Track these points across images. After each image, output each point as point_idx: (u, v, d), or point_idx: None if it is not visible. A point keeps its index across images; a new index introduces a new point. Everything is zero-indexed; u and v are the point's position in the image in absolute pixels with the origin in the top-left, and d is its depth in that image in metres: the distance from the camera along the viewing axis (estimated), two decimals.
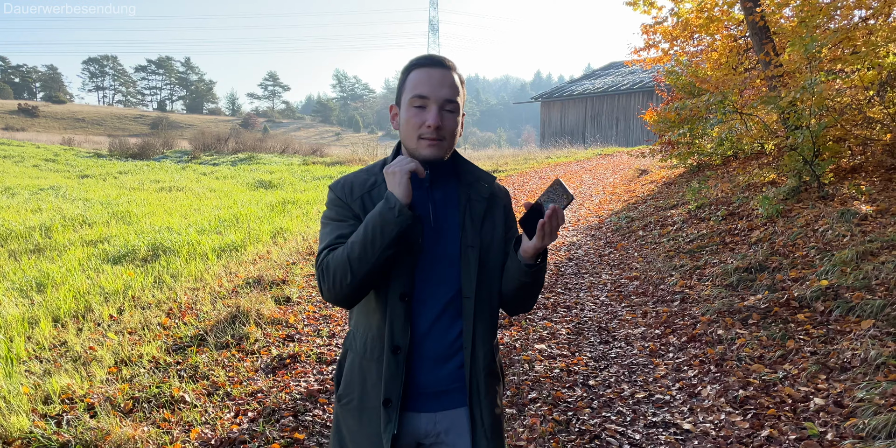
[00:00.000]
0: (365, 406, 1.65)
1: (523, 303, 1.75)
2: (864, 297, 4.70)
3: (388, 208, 1.49)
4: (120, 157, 29.36)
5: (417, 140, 1.63)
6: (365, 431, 1.65)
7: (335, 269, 1.54)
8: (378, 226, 1.50)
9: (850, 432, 3.29)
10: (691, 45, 12.53)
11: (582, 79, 40.19)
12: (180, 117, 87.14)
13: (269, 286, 6.30)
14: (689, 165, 12.55)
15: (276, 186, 16.04)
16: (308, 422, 3.65)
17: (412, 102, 1.62)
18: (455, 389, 1.69)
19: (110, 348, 4.61)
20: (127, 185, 16.34)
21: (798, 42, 7.70)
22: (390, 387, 1.61)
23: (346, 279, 1.53)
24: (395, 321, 1.61)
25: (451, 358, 1.67)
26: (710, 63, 12.11)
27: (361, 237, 1.52)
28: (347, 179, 1.72)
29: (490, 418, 1.68)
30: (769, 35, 9.80)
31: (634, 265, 7.30)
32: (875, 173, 7.71)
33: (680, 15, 11.47)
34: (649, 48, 12.77)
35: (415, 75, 1.64)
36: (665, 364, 4.52)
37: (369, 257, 1.51)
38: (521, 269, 1.61)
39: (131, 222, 10.08)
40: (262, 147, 32.32)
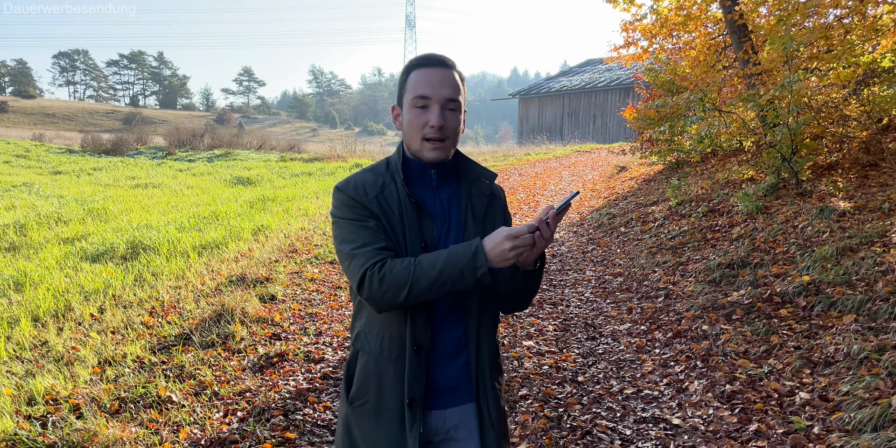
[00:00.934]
0: (383, 407, 1.64)
1: (519, 304, 1.77)
2: (844, 292, 4.78)
3: (472, 268, 1.47)
4: (93, 153, 28.87)
5: (421, 141, 1.63)
6: (384, 432, 1.64)
7: (390, 284, 1.50)
8: (453, 278, 1.49)
9: (836, 426, 3.35)
10: (670, 43, 12.64)
11: (559, 76, 40.35)
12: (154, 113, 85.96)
13: (252, 284, 6.25)
14: (668, 162, 12.66)
15: (254, 183, 15.89)
16: (299, 421, 3.63)
17: (414, 103, 1.61)
18: (462, 386, 1.70)
19: (93, 348, 4.54)
20: (102, 181, 16.09)
21: (777, 40, 7.79)
22: (414, 386, 1.61)
23: (397, 298, 1.51)
24: (416, 320, 1.61)
25: (458, 355, 1.68)
26: (688, 61, 12.22)
27: (433, 277, 1.49)
28: (357, 180, 1.69)
29: (496, 411, 1.70)
30: (747, 33, 9.92)
31: (617, 262, 7.36)
32: (851, 170, 7.84)
33: (659, 12, 11.56)
34: (629, 46, 12.86)
35: (415, 75, 1.63)
36: (652, 360, 4.56)
37: (430, 295, 1.51)
38: (519, 276, 1.63)
39: (108, 220, 9.93)
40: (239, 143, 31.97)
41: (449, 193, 1.72)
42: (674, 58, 12.75)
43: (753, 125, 9.53)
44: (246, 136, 34.67)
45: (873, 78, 8.45)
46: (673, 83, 11.96)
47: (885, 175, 7.17)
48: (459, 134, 1.69)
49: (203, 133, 32.94)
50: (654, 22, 11.87)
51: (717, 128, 10.06)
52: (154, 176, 17.60)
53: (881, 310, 4.38)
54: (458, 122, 1.65)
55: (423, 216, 1.65)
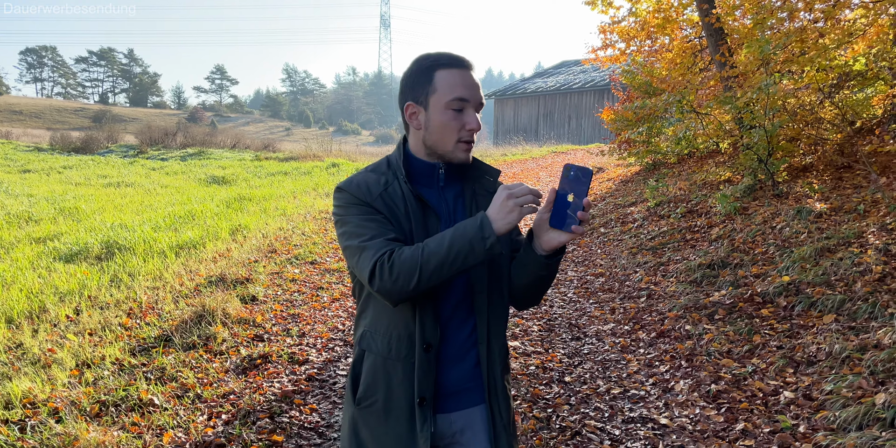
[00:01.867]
0: (392, 407, 1.61)
1: (535, 296, 1.72)
2: (824, 292, 4.85)
3: (481, 238, 1.42)
4: (62, 152, 28.33)
5: (456, 143, 1.61)
6: (393, 433, 1.61)
7: (401, 270, 1.45)
8: (464, 251, 1.43)
9: (821, 424, 3.39)
10: (647, 45, 12.75)
11: (534, 77, 40.53)
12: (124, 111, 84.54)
13: (232, 285, 6.16)
14: (646, 164, 12.77)
15: (229, 182, 15.70)
16: (285, 423, 3.58)
17: (450, 105, 1.58)
18: (471, 388, 1.66)
19: (70, 350, 4.43)
20: (72, 180, 15.78)
21: (754, 43, 7.90)
22: (424, 385, 1.58)
23: (409, 285, 1.45)
24: (425, 318, 1.58)
25: (465, 356, 1.65)
26: (664, 63, 12.34)
27: (443, 254, 1.44)
28: (359, 179, 1.65)
29: (508, 413, 1.68)
30: (724, 36, 10.04)
31: (599, 262, 7.39)
32: (826, 172, 7.97)
33: (638, 15, 11.65)
34: (606, 47, 12.95)
35: (447, 76, 1.59)
36: (637, 360, 4.58)
37: (443, 275, 1.45)
38: (540, 262, 1.58)
39: (80, 219, 9.73)
40: (212, 142, 31.54)
41: (454, 193, 1.70)
42: (650, 60, 12.87)
43: (730, 127, 9.65)
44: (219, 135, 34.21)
45: (847, 81, 8.61)
46: (650, 85, 12.07)
47: (859, 177, 7.30)
48: None
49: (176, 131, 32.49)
50: (632, 24, 11.96)
51: (694, 129, 10.16)
52: (126, 175, 17.31)
53: (861, 309, 4.45)
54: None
55: (429, 213, 1.62)
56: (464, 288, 1.64)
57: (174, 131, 32.59)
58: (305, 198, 12.23)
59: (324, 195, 12.76)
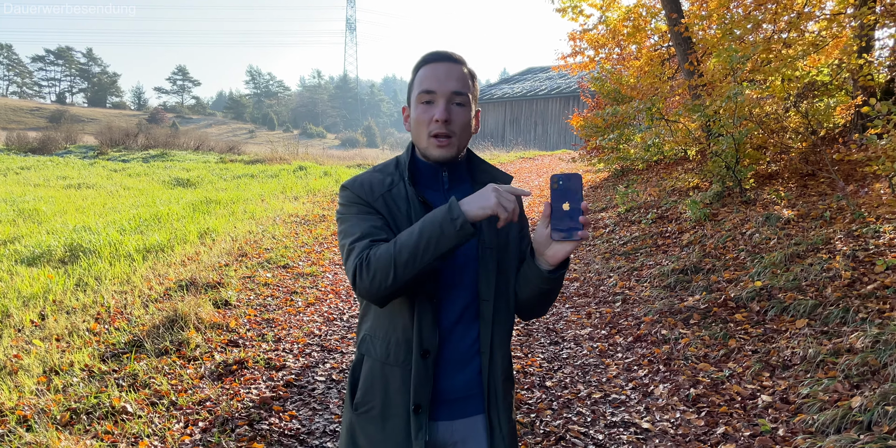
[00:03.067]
0: (389, 413, 1.58)
1: (541, 308, 1.70)
2: (796, 297, 4.94)
3: (450, 220, 1.37)
4: (18, 152, 27.54)
5: (427, 138, 1.57)
6: (391, 440, 1.57)
7: (377, 267, 1.42)
8: (435, 236, 1.38)
9: (800, 428, 3.44)
10: (616, 53, 12.92)
11: (501, 83, 40.79)
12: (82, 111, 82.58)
13: (203, 289, 6.03)
14: (614, 170, 12.91)
15: (195, 184, 15.42)
16: (265, 430, 3.50)
17: (420, 98, 1.56)
18: (473, 396, 1.63)
19: (37, 356, 4.28)
20: (31, 181, 15.34)
21: (723, 52, 8.05)
22: (420, 392, 1.54)
23: (386, 280, 1.42)
24: (423, 323, 1.54)
25: (469, 363, 1.62)
26: (632, 71, 12.52)
27: (414, 243, 1.40)
28: (364, 179, 1.64)
29: (508, 424, 1.64)
30: (692, 45, 10.22)
31: (572, 267, 7.43)
32: (791, 179, 8.15)
33: (608, 23, 11.80)
34: (576, 55, 13.10)
35: (422, 72, 1.58)
36: (615, 364, 4.60)
37: (417, 265, 1.40)
38: (544, 277, 1.54)
39: (41, 221, 9.45)
40: (175, 143, 30.98)
41: (461, 196, 1.66)
42: (619, 67, 13.05)
43: (698, 135, 9.81)
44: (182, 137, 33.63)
45: (812, 91, 8.83)
46: (619, 92, 12.23)
47: (823, 184, 7.48)
48: (470, 131, 1.63)
49: (137, 133, 31.85)
50: (602, 32, 12.11)
51: (662, 137, 10.31)
52: (87, 176, 16.89)
53: (832, 314, 4.54)
54: (467, 118, 1.59)
55: None
56: (471, 294, 1.61)
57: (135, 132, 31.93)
58: (274, 201, 12.07)
59: (292, 198, 12.62)
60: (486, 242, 1.61)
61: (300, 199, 12.50)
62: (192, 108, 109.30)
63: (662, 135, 10.21)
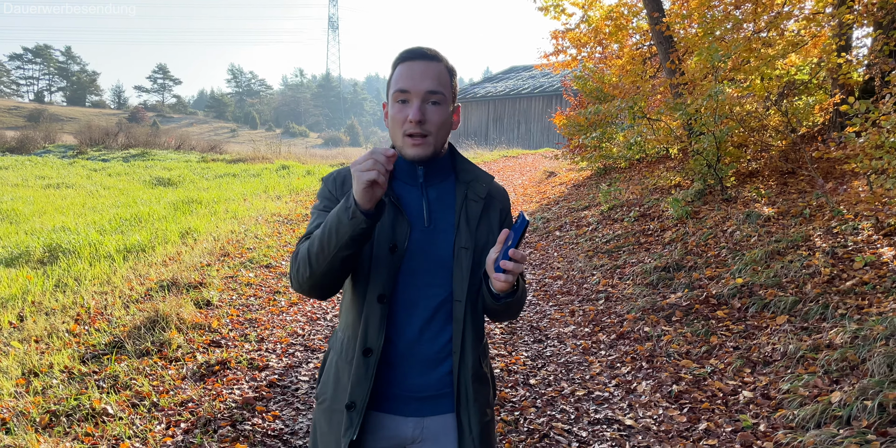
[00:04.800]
0: (335, 408, 1.61)
1: (507, 317, 1.70)
2: (776, 294, 4.99)
3: (345, 208, 1.40)
4: None
5: (403, 137, 1.57)
6: (334, 433, 1.60)
7: (300, 260, 1.49)
8: (334, 225, 1.42)
9: (780, 423, 3.47)
10: (599, 52, 12.97)
11: (484, 82, 40.79)
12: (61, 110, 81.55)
13: (185, 289, 5.98)
14: (597, 168, 12.96)
15: (176, 184, 15.29)
16: (248, 431, 3.48)
17: (395, 97, 1.56)
18: (444, 395, 1.64)
19: (16, 358, 4.23)
20: (9, 181, 15.13)
21: (704, 51, 8.11)
22: (356, 390, 1.56)
23: (305, 272, 1.48)
24: (369, 323, 1.56)
25: (442, 362, 1.63)
26: (614, 70, 12.58)
27: (320, 234, 1.44)
28: (341, 173, 1.67)
29: (478, 426, 1.63)
30: (673, 44, 10.28)
31: (556, 265, 7.46)
32: (771, 177, 8.23)
33: (590, 22, 11.84)
34: (558, 53, 13.13)
35: (399, 70, 1.57)
36: (599, 361, 4.62)
37: (326, 255, 1.44)
38: (491, 300, 1.55)
39: (19, 221, 9.33)
40: (156, 143, 30.68)
41: (440, 193, 1.66)
42: (601, 66, 13.10)
43: (680, 133, 9.87)
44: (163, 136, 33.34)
45: (792, 89, 8.91)
46: (601, 91, 12.28)
47: (803, 182, 7.56)
48: (448, 129, 1.63)
49: (117, 132, 31.49)
50: (585, 31, 12.14)
51: (645, 135, 10.36)
52: (66, 176, 16.69)
53: (812, 311, 4.60)
54: (444, 116, 1.58)
55: (399, 216, 1.58)
56: (445, 294, 1.61)
57: (115, 131, 31.57)
58: (256, 200, 11.99)
59: (275, 198, 12.55)
60: (461, 242, 1.61)
61: (283, 199, 12.44)
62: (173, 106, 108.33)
63: (644, 133, 10.26)
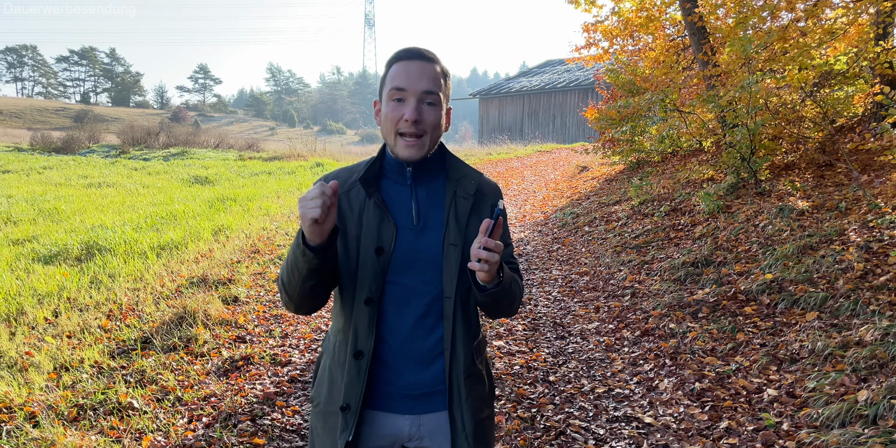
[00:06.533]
0: (329, 410, 1.63)
1: (499, 313, 1.68)
2: (807, 289, 4.86)
3: (297, 244, 1.46)
4: (42, 152, 28.01)
5: (396, 136, 1.57)
6: (329, 436, 1.62)
7: (280, 284, 1.59)
8: (292, 260, 1.49)
9: (804, 422, 3.39)
10: (630, 44, 12.79)
11: (519, 76, 40.57)
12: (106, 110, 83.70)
13: (214, 286, 6.09)
14: (629, 162, 12.80)
15: (212, 182, 15.57)
16: (267, 426, 3.53)
17: (391, 96, 1.56)
18: (440, 392, 1.65)
19: (48, 353, 4.36)
20: (53, 180, 15.58)
21: (736, 42, 7.93)
22: (350, 392, 1.58)
23: (284, 297, 1.60)
24: (359, 326, 1.58)
25: (436, 359, 1.63)
26: (647, 62, 12.38)
27: (285, 266, 1.53)
28: (330, 176, 1.67)
29: (472, 422, 1.62)
30: (707, 35, 10.08)
31: (583, 261, 7.39)
32: (808, 170, 8.02)
33: (620, 14, 11.68)
34: (590, 46, 12.99)
35: (395, 68, 1.57)
36: (621, 358, 4.57)
37: (294, 285, 1.52)
38: (478, 292, 1.54)
39: (60, 220, 9.60)
40: (195, 142, 31.28)
41: (428, 192, 1.66)
42: (634, 59, 12.91)
43: (713, 126, 9.69)
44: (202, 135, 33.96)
45: (828, 80, 8.67)
46: (633, 84, 12.10)
47: (840, 175, 7.35)
48: (441, 130, 1.63)
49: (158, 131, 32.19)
50: (615, 23, 11.99)
51: (677, 128, 10.19)
52: (108, 175, 17.13)
53: (843, 307, 4.47)
54: (438, 117, 1.59)
55: (385, 219, 1.58)
56: (436, 292, 1.61)
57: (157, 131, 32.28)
58: (289, 198, 12.15)
59: None
60: (450, 239, 1.60)
61: None
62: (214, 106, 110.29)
63: (677, 126, 10.09)
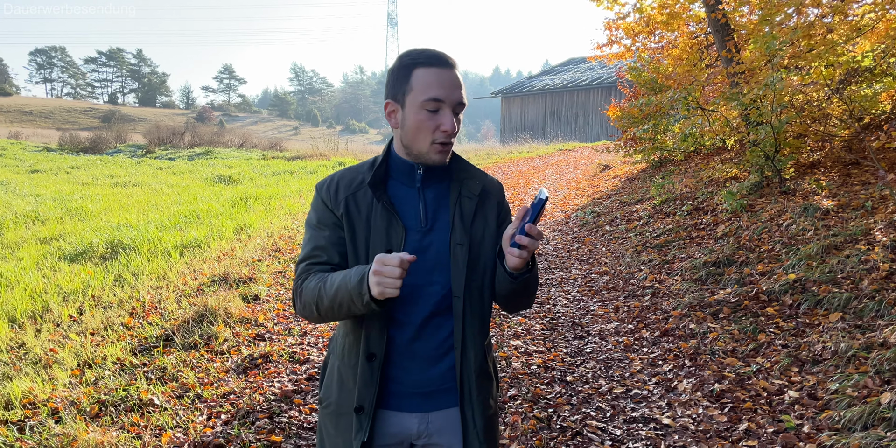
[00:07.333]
0: (341, 412, 1.64)
1: (519, 305, 1.71)
2: (830, 290, 4.79)
3: (359, 294, 1.44)
4: (71, 152, 28.49)
5: (430, 144, 1.57)
6: (341, 437, 1.64)
7: (305, 301, 1.57)
8: (346, 302, 1.47)
9: (825, 424, 3.34)
10: (653, 42, 12.68)
11: (541, 74, 40.40)
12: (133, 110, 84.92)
13: (235, 284, 6.15)
14: (652, 161, 12.69)
15: (235, 181, 15.73)
16: (284, 423, 3.56)
17: (425, 105, 1.52)
18: (447, 389, 1.66)
19: (72, 350, 4.43)
20: (80, 180, 15.84)
21: (760, 39, 7.83)
22: (363, 394, 1.59)
23: (312, 315, 1.58)
24: (371, 329, 1.59)
25: (443, 357, 1.64)
26: (670, 59, 12.26)
27: (331, 298, 1.50)
28: (334, 179, 1.67)
29: (482, 420, 1.65)
30: (730, 32, 9.96)
31: (603, 260, 7.35)
32: (833, 169, 7.89)
33: (643, 11, 11.58)
34: (612, 44, 12.89)
35: (424, 75, 1.52)
36: (640, 359, 4.54)
37: (336, 316, 1.54)
38: (508, 279, 1.57)
39: (86, 219, 9.76)
40: (220, 141, 31.64)
41: (436, 193, 1.66)
42: (656, 56, 12.79)
43: (736, 124, 9.57)
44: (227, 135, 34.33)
45: (855, 77, 8.52)
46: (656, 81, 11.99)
47: (867, 173, 7.22)
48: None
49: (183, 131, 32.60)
50: (637, 20, 11.89)
51: (700, 126, 10.08)
52: (133, 174, 17.37)
53: (867, 308, 4.40)
54: (461, 124, 1.62)
55: (393, 220, 1.59)
56: (444, 290, 1.62)
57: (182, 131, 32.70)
58: (311, 196, 12.22)
59: None
60: (457, 239, 1.61)
61: None
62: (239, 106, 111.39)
63: (700, 124, 9.98)
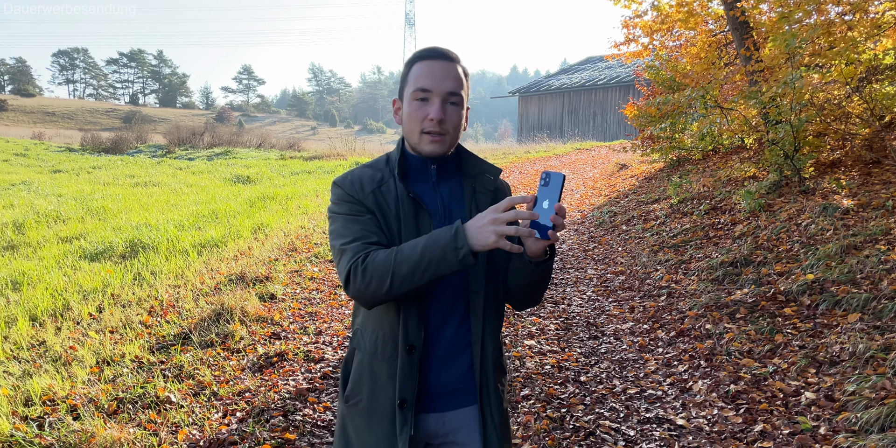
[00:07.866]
0: (375, 407, 1.61)
1: (532, 298, 1.70)
2: (849, 290, 4.73)
3: (454, 248, 1.39)
4: (92, 152, 28.86)
5: (420, 134, 1.59)
6: (375, 433, 1.61)
7: (373, 275, 1.46)
8: (436, 259, 1.41)
9: (842, 426, 3.31)
10: (671, 40, 12.58)
11: (559, 73, 40.26)
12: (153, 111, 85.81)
13: (252, 283, 6.20)
14: (669, 160, 12.61)
15: (253, 181, 15.85)
16: (298, 421, 3.59)
17: (415, 95, 1.58)
18: (464, 388, 1.66)
19: (91, 348, 4.50)
20: (101, 180, 16.04)
21: (779, 37, 7.74)
22: (405, 387, 1.57)
23: (381, 289, 1.46)
24: (409, 320, 1.57)
25: (460, 356, 1.64)
26: (689, 58, 12.16)
27: (415, 261, 1.43)
28: (354, 175, 1.67)
29: (500, 414, 1.67)
30: (749, 30, 9.87)
31: (619, 260, 7.31)
32: (854, 167, 7.79)
33: (660, 9, 11.50)
34: (629, 42, 12.80)
35: (418, 68, 1.59)
36: (655, 359, 4.52)
37: (414, 281, 1.44)
38: (529, 267, 1.55)
39: (107, 218, 9.88)
40: (238, 141, 31.90)
41: (450, 189, 1.68)
42: (674, 55, 12.70)
43: (755, 122, 9.48)
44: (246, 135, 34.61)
45: (876, 75, 8.40)
46: (674, 80, 11.91)
47: (888, 172, 7.13)
48: (461, 129, 1.65)
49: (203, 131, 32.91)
50: (654, 18, 11.81)
51: (718, 125, 10.00)
52: (153, 174, 17.56)
53: (886, 308, 4.34)
54: (460, 117, 1.61)
55: (421, 212, 1.61)
56: (460, 287, 1.62)
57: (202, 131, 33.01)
58: (328, 196, 12.28)
59: None
60: None
61: None
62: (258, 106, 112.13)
63: (718, 123, 9.90)
